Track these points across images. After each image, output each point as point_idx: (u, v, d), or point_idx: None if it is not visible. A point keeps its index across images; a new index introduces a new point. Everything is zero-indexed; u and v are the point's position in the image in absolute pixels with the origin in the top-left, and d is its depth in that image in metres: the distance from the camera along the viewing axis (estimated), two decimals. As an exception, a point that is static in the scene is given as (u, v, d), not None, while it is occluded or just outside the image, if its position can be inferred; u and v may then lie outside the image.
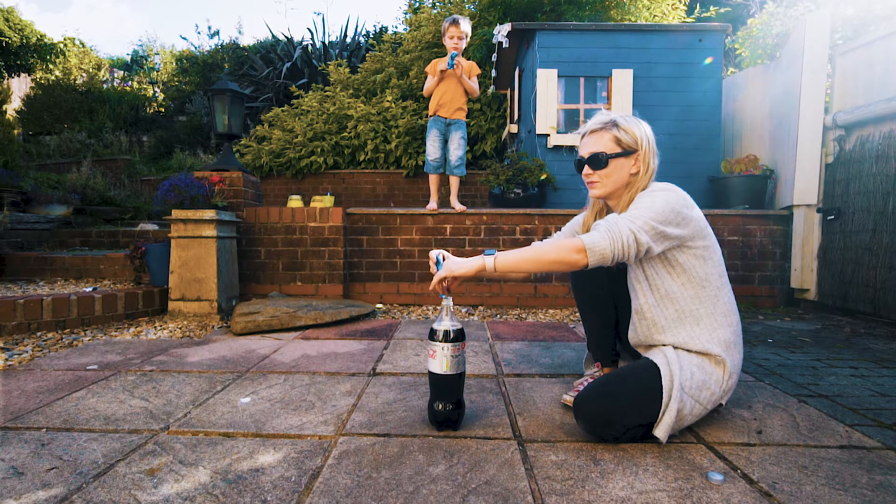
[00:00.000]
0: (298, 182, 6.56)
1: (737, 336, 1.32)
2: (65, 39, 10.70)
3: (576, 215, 1.68)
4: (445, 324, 1.27)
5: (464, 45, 3.33)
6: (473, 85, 3.40)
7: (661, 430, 1.21)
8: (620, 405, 1.22)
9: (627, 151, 1.39)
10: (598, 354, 1.60)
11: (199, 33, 26.10)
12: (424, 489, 1.02)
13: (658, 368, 1.24)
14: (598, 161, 1.39)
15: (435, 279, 1.32)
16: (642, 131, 1.41)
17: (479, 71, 3.45)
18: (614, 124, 1.39)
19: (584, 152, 1.43)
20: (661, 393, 1.21)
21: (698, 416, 1.27)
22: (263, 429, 1.32)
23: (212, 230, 2.81)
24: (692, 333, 1.29)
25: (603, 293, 1.54)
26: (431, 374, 1.30)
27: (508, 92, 6.12)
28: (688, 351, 1.29)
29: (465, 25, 3.31)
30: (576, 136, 4.32)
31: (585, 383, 1.53)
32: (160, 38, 32.41)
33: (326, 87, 7.30)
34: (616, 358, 1.59)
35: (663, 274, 1.32)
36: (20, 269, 3.62)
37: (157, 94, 12.36)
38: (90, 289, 2.98)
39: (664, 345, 1.32)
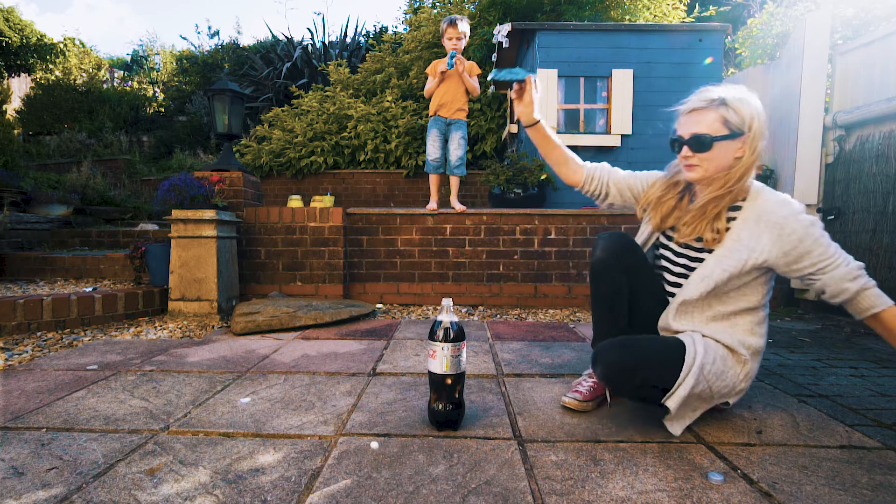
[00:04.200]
0: (298, 182, 6.56)
1: (762, 348, 1.33)
2: (65, 39, 10.69)
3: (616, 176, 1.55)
4: (445, 324, 1.27)
5: (463, 45, 3.33)
6: (474, 83, 3.40)
7: (672, 401, 1.22)
8: (643, 359, 1.23)
9: (735, 133, 1.25)
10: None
11: (199, 33, 26.08)
12: (424, 489, 1.02)
13: (685, 345, 1.25)
14: (701, 143, 1.27)
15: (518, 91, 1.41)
16: (753, 110, 1.26)
17: (479, 71, 3.45)
18: (722, 102, 1.26)
19: (684, 132, 1.30)
20: (683, 366, 1.22)
21: (705, 403, 1.28)
22: (263, 429, 1.32)
23: (212, 230, 2.81)
24: (727, 332, 1.31)
25: (622, 292, 1.48)
26: (431, 374, 1.30)
27: (508, 92, 6.12)
28: (716, 341, 1.30)
29: (464, 26, 3.31)
30: (576, 137, 4.34)
31: (584, 383, 1.53)
32: (160, 38, 32.39)
33: (326, 87, 7.31)
34: None
35: (738, 287, 1.30)
36: (20, 269, 3.62)
37: (157, 94, 12.36)
38: (90, 289, 2.98)
39: (694, 331, 1.33)
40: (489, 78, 1.48)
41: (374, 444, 1.12)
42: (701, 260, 1.35)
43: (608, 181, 1.54)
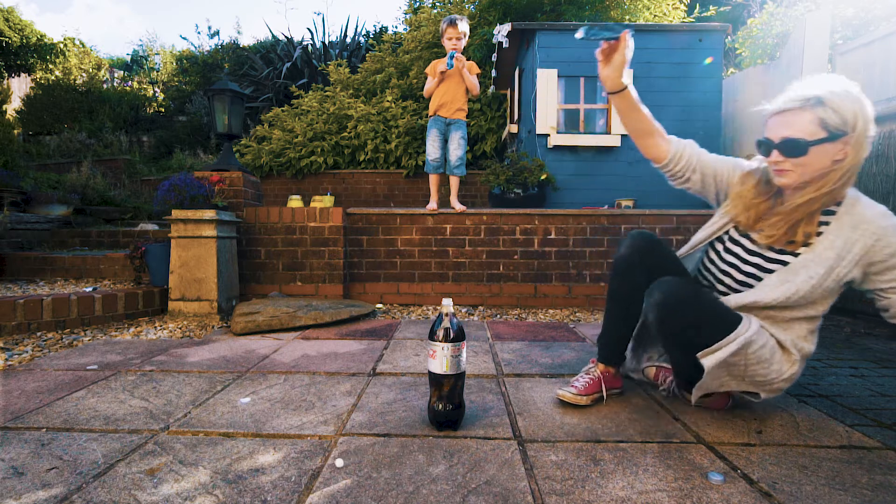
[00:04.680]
0: (298, 182, 6.56)
1: (811, 354, 1.32)
2: (65, 39, 10.70)
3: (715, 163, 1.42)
4: (445, 324, 1.27)
5: (462, 45, 3.33)
6: (474, 81, 3.39)
7: (709, 359, 1.21)
8: (700, 304, 1.22)
9: (835, 135, 1.12)
10: (605, 352, 1.56)
11: (199, 33, 26.10)
12: (424, 489, 1.02)
13: (742, 318, 1.24)
14: (794, 148, 1.15)
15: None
16: (856, 107, 1.12)
17: (478, 70, 3.45)
18: (819, 101, 1.12)
19: (774, 134, 1.19)
20: (731, 332, 1.21)
21: (732, 382, 1.27)
22: (263, 429, 1.32)
23: (212, 230, 2.81)
24: (782, 333, 1.29)
25: (640, 291, 1.46)
26: (431, 374, 1.30)
27: (508, 92, 6.12)
28: (771, 334, 1.28)
29: (464, 25, 3.31)
30: (576, 137, 4.33)
31: (580, 379, 1.53)
32: (160, 38, 32.42)
33: (326, 87, 7.31)
34: (622, 361, 1.58)
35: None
36: (20, 269, 3.62)
37: (157, 94, 12.37)
38: (90, 289, 2.98)
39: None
40: (577, 36, 1.26)
41: (339, 462, 1.09)
42: (778, 262, 1.28)
43: (696, 166, 1.41)
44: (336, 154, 6.51)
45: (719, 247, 1.44)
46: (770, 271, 1.30)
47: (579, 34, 1.26)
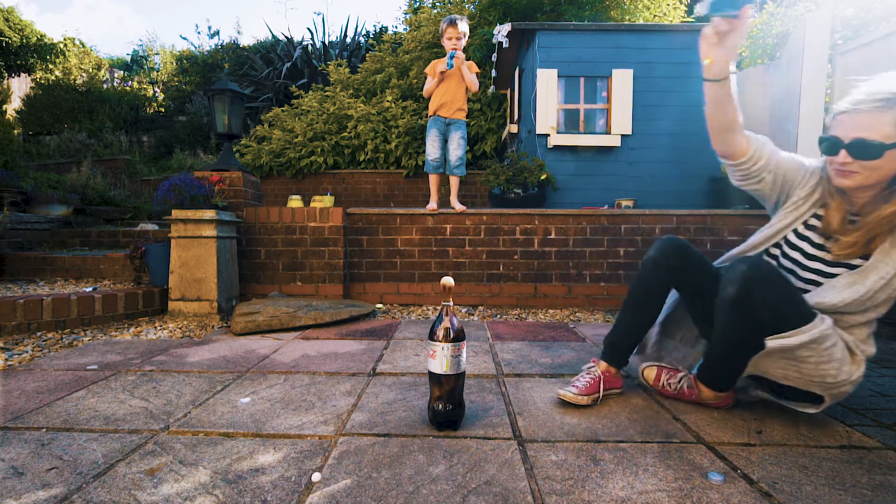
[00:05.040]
0: (298, 182, 6.56)
1: (872, 356, 1.30)
2: (65, 39, 10.70)
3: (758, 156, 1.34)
4: (445, 324, 1.27)
5: (462, 44, 3.33)
6: (473, 77, 3.39)
7: (774, 342, 1.19)
8: (782, 289, 1.18)
9: None
10: (611, 351, 1.55)
11: (199, 33, 26.06)
12: (424, 489, 1.02)
13: (816, 315, 1.21)
14: (867, 150, 1.09)
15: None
16: None
17: (477, 70, 3.45)
18: None
19: (844, 134, 1.14)
20: (805, 324, 1.17)
21: (804, 379, 1.23)
22: (263, 429, 1.32)
23: (212, 230, 2.81)
24: (846, 334, 1.27)
25: (661, 296, 1.46)
26: (431, 374, 1.30)
27: (508, 92, 6.12)
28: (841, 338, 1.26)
29: (463, 25, 3.31)
30: (576, 137, 4.33)
31: (581, 378, 1.53)
32: (160, 38, 32.41)
33: (326, 87, 7.31)
34: (625, 364, 1.57)
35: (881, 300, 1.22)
36: (20, 269, 3.62)
37: (157, 94, 12.37)
38: (90, 289, 2.98)
39: None
40: (700, 11, 1.17)
41: (316, 476, 1.05)
42: (843, 265, 1.26)
43: (772, 167, 1.33)
44: (336, 154, 6.51)
45: (776, 251, 1.41)
46: (832, 275, 1.27)
47: (702, 9, 1.15)
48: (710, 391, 1.44)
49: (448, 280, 1.28)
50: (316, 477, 1.05)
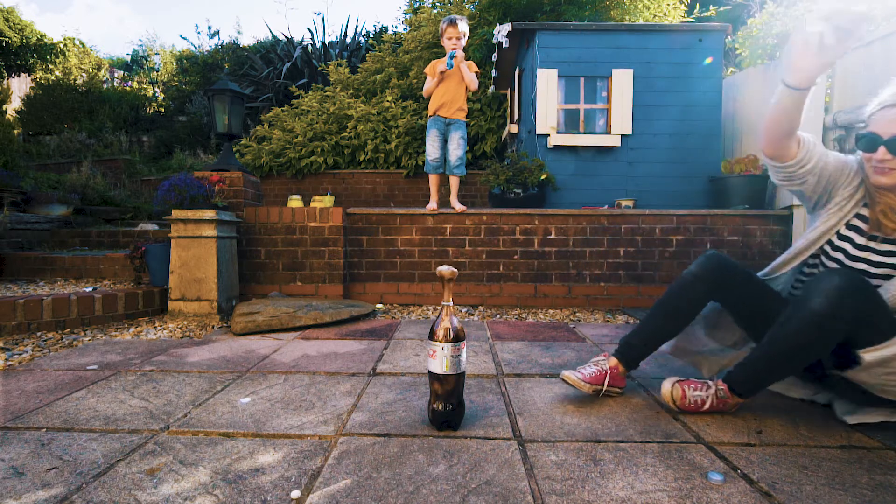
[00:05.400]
0: (298, 182, 6.56)
1: None
2: (65, 39, 10.70)
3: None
4: (445, 324, 1.27)
5: (462, 44, 3.33)
6: (472, 76, 3.38)
7: (870, 354, 1.15)
8: (876, 301, 1.15)
9: None
10: (626, 350, 1.55)
11: (199, 33, 26.07)
12: (424, 489, 1.02)
13: None
14: None
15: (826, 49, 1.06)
16: None
17: (476, 69, 3.45)
18: None
19: (884, 130, 1.14)
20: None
21: (881, 379, 1.20)
22: (263, 429, 1.32)
23: (212, 230, 2.81)
24: None
25: (693, 311, 1.46)
26: (431, 374, 1.30)
27: (508, 92, 6.12)
28: None
29: (463, 25, 3.31)
30: (576, 137, 4.33)
31: (589, 367, 1.54)
32: (160, 38, 32.39)
33: (326, 87, 7.31)
34: (635, 367, 1.57)
35: None
36: (20, 269, 3.62)
37: (157, 94, 12.36)
38: (90, 289, 2.98)
39: None
40: (815, 23, 1.08)
41: (295, 493, 0.99)
42: (885, 265, 1.25)
43: (818, 170, 1.31)
44: (336, 154, 6.51)
45: (818, 255, 1.39)
46: (875, 276, 1.26)
47: (817, 22, 1.07)
48: (734, 397, 1.40)
49: (446, 269, 1.26)
50: (295, 494, 1.00)
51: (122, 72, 13.25)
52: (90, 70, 11.37)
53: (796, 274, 1.49)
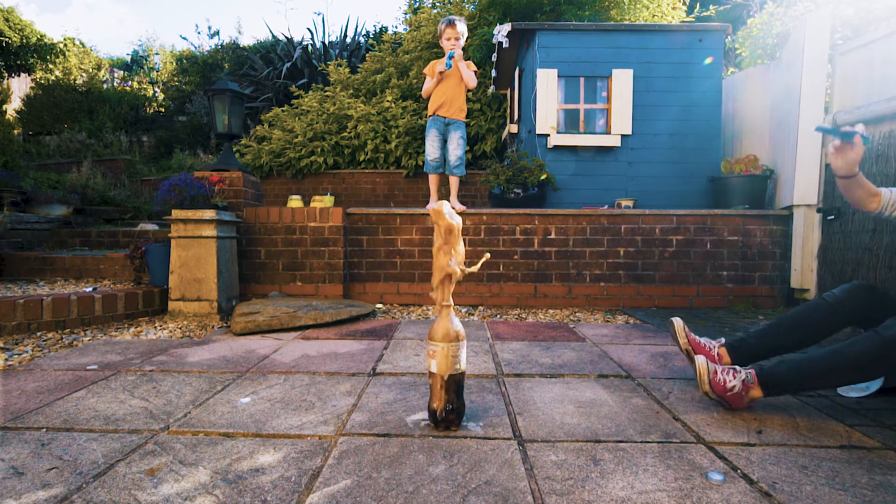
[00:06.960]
0: (298, 182, 6.56)
1: None
2: (65, 39, 10.69)
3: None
4: (445, 323, 1.27)
5: (461, 45, 3.34)
6: (471, 74, 3.38)
7: None
8: None
9: None
10: (738, 345, 1.61)
11: (199, 33, 26.05)
12: (424, 489, 1.02)
13: None
14: None
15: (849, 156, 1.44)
16: None
17: (475, 69, 3.46)
18: None
19: None
20: None
21: None
22: (263, 429, 1.32)
23: (212, 230, 2.81)
24: None
25: (819, 334, 1.55)
26: (431, 374, 1.30)
27: (508, 92, 6.12)
28: None
29: (461, 26, 3.31)
30: (576, 137, 4.33)
31: (710, 343, 1.62)
32: (160, 38, 32.34)
33: (326, 87, 7.30)
34: (740, 363, 1.60)
35: None
36: (20, 269, 3.62)
37: (157, 94, 12.36)
38: (90, 289, 2.98)
39: None
40: (816, 129, 1.55)
41: (296, 493, 0.97)
42: None
43: None
44: (336, 154, 6.51)
45: None
46: None
47: (816, 128, 1.54)
48: (759, 391, 1.44)
49: (434, 205, 1.26)
50: (295, 494, 0.99)
51: (122, 72, 13.24)
52: (90, 70, 11.37)
53: None
